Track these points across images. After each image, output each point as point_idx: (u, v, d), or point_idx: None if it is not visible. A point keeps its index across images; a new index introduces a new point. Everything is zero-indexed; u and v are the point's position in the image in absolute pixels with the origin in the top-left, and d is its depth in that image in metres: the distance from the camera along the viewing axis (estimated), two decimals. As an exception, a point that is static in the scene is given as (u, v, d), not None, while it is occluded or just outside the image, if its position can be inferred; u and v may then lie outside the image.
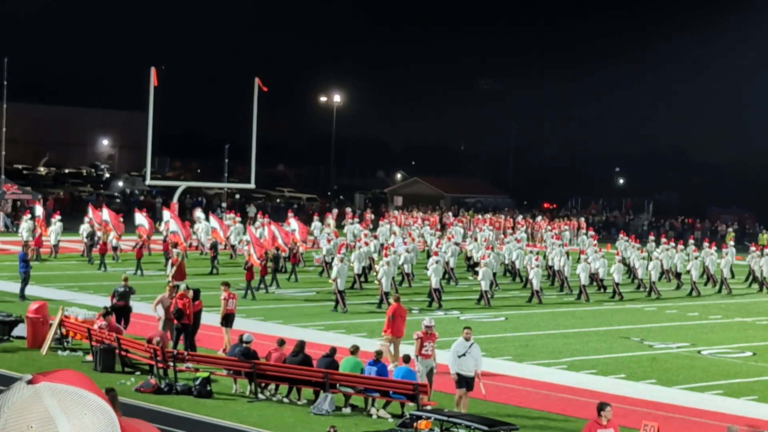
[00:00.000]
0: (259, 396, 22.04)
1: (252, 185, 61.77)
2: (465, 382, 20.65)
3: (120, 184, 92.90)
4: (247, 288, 36.56)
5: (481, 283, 37.60)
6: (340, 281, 34.73)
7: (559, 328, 33.51)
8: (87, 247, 47.02)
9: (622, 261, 45.14)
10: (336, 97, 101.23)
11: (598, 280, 43.20)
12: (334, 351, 22.51)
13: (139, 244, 43.92)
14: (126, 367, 24.03)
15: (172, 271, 34.88)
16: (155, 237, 48.78)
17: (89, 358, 24.87)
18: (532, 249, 45.11)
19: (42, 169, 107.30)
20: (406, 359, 21.77)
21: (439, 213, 75.75)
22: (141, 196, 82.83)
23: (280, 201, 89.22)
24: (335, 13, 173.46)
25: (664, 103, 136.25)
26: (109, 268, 43.34)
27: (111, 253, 45.96)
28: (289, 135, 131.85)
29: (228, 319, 27.06)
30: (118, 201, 77.98)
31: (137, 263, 42.35)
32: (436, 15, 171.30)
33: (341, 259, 35.83)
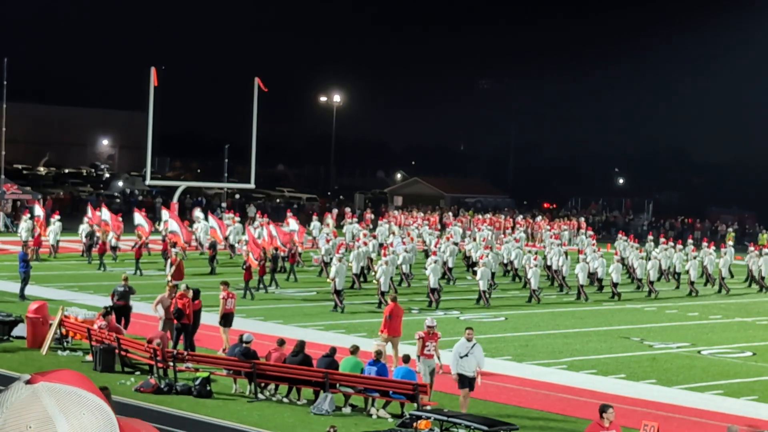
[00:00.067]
0: (259, 396, 22.05)
1: (252, 185, 61.77)
2: (468, 382, 20.63)
3: (120, 184, 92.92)
4: (246, 288, 36.56)
5: (480, 283, 37.61)
6: (339, 281, 34.74)
7: (559, 328, 33.51)
8: (86, 247, 47.05)
9: (621, 261, 45.15)
10: (336, 97, 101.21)
11: (596, 280, 43.24)
12: (334, 351, 22.52)
13: (138, 244, 43.94)
14: (126, 367, 24.03)
15: (171, 271, 34.91)
16: (154, 237, 48.79)
17: (89, 358, 24.87)
18: (530, 249, 45.07)
19: (42, 169, 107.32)
20: (406, 359, 21.78)
21: (438, 213, 75.77)
22: (140, 196, 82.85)
23: (280, 201, 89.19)
24: (335, 13, 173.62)
25: (664, 103, 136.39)
26: (108, 268, 43.36)
27: (110, 253, 46.00)
28: (289, 135, 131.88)
29: (227, 319, 27.05)
30: (118, 201, 77.98)
31: (136, 263, 42.38)
32: (436, 15, 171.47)
33: (340, 258, 35.85)
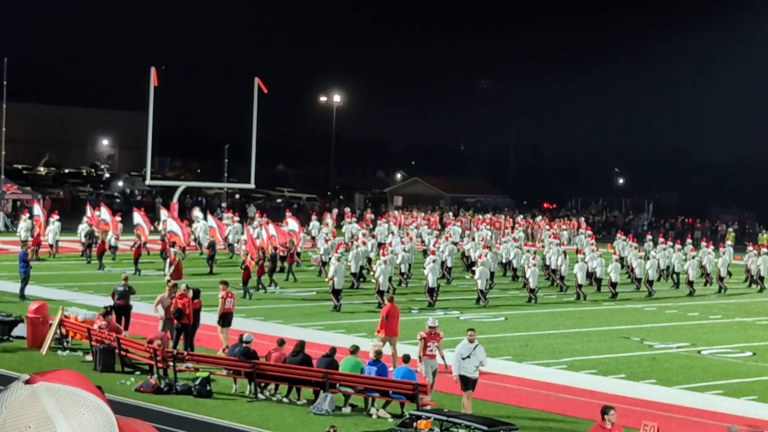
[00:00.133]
0: (259, 396, 22.04)
1: (252, 185, 61.78)
2: (471, 383, 20.60)
3: (120, 184, 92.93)
4: (244, 288, 36.53)
5: (478, 282, 37.69)
6: (337, 280, 34.74)
7: (559, 328, 33.50)
8: (85, 247, 47.02)
9: (620, 260, 45.15)
10: (336, 97, 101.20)
11: (595, 280, 43.22)
12: (333, 351, 22.51)
13: (137, 244, 43.93)
14: (126, 367, 24.03)
15: (170, 271, 34.88)
16: (153, 237, 48.77)
17: (89, 358, 24.87)
18: (529, 248, 45.08)
19: (42, 169, 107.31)
20: (406, 359, 21.77)
21: (439, 213, 75.75)
22: (139, 196, 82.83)
23: (280, 201, 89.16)
24: (335, 13, 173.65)
25: (664, 103, 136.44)
26: (108, 268, 43.35)
27: (109, 253, 45.99)
28: (289, 135, 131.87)
29: (226, 319, 27.02)
30: (118, 201, 77.98)
31: (134, 263, 42.36)
32: (436, 15, 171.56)
33: (338, 258, 35.86)
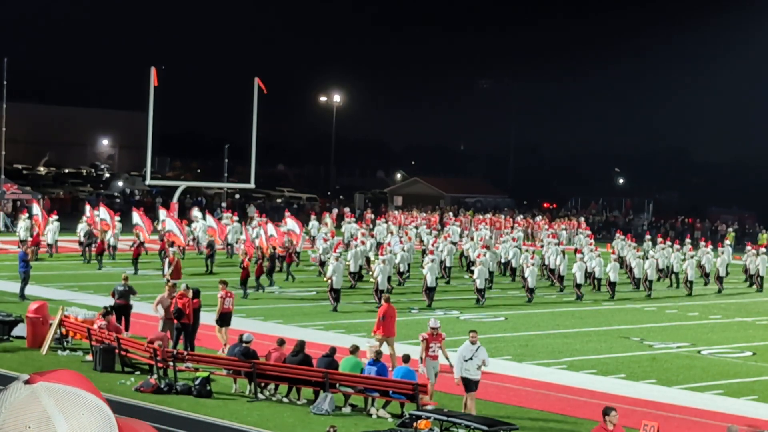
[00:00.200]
0: (259, 396, 22.04)
1: (252, 185, 61.80)
2: (474, 385, 20.58)
3: (120, 184, 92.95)
4: (242, 287, 36.50)
5: (476, 282, 37.73)
6: (336, 280, 34.75)
7: (559, 328, 33.50)
8: (84, 247, 47.00)
9: (619, 260, 45.16)
10: (336, 97, 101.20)
11: (593, 279, 43.20)
12: (333, 351, 22.51)
13: (136, 243, 43.93)
14: (126, 366, 24.03)
15: (169, 271, 34.84)
16: (152, 236, 48.73)
17: (89, 357, 24.86)
18: (528, 248, 45.10)
19: (42, 169, 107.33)
20: (406, 359, 21.76)
21: (439, 213, 75.73)
22: (139, 196, 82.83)
23: (280, 201, 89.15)
24: (335, 13, 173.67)
25: (664, 103, 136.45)
26: (108, 268, 43.37)
27: (109, 253, 45.97)
28: (289, 135, 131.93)
29: (224, 318, 27.01)
30: (118, 201, 77.98)
31: (133, 262, 42.35)
32: (436, 15, 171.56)
33: (337, 257, 35.86)
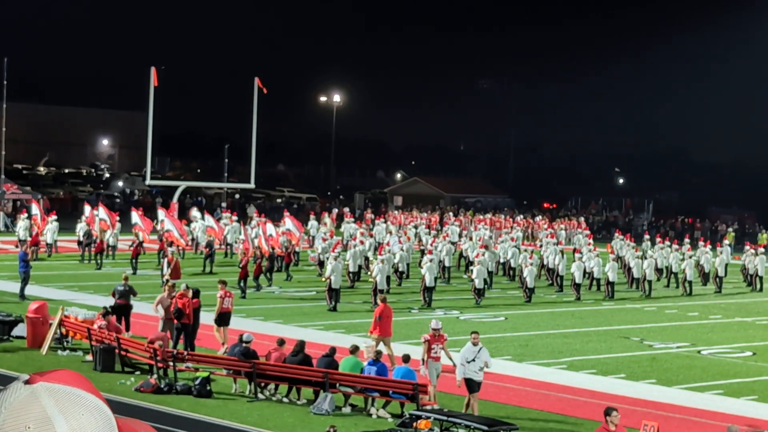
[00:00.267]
0: (259, 396, 22.04)
1: (252, 185, 61.81)
2: (476, 386, 20.53)
3: (120, 184, 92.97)
4: (241, 287, 36.50)
5: (475, 281, 37.76)
6: (334, 279, 34.76)
7: (558, 328, 33.50)
8: (84, 246, 46.98)
9: (617, 259, 45.14)
10: (336, 97, 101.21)
11: (592, 279, 43.16)
12: (333, 351, 22.51)
13: (135, 243, 43.93)
14: (126, 366, 24.03)
15: (168, 271, 34.79)
16: (151, 236, 48.74)
17: (89, 357, 24.86)
18: (527, 248, 45.12)
19: (42, 169, 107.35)
20: (406, 359, 21.76)
21: (439, 213, 75.71)
22: (139, 196, 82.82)
23: (280, 201, 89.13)
24: (335, 13, 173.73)
25: (664, 103, 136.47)
26: (108, 267, 43.38)
27: (109, 253, 45.96)
28: (289, 135, 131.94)
29: (223, 318, 27.00)
30: (118, 201, 77.99)
31: (132, 262, 42.32)
32: (436, 15, 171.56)
33: (335, 257, 35.87)
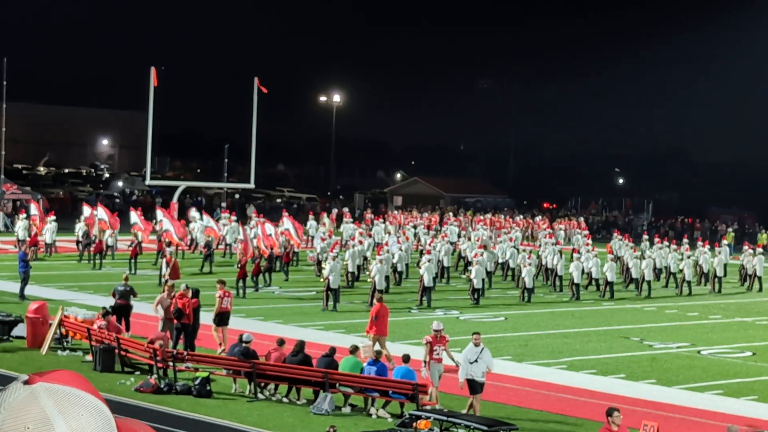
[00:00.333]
0: (259, 396, 22.04)
1: (252, 185, 61.75)
2: (479, 387, 20.52)
3: (120, 184, 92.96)
4: (238, 287, 36.49)
5: (473, 281, 37.78)
6: (333, 279, 34.76)
7: (558, 328, 33.49)
8: (83, 246, 46.97)
9: (615, 259, 45.10)
10: (336, 97, 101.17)
11: (591, 279, 43.12)
12: (333, 351, 22.52)
13: (134, 243, 43.92)
14: (126, 367, 24.02)
15: (167, 271, 34.75)
16: (150, 236, 48.73)
17: (89, 358, 24.86)
18: (525, 248, 45.13)
19: (42, 169, 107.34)
20: (406, 359, 21.76)
21: (439, 213, 75.69)
22: (140, 196, 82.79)
23: (280, 201, 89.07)
24: (335, 13, 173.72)
25: (665, 103, 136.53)
26: (108, 268, 43.38)
27: (107, 253, 45.95)
28: (289, 135, 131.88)
29: (222, 318, 26.99)
30: (118, 201, 77.99)
31: (130, 262, 42.31)
32: (436, 15, 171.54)
33: (334, 257, 35.88)
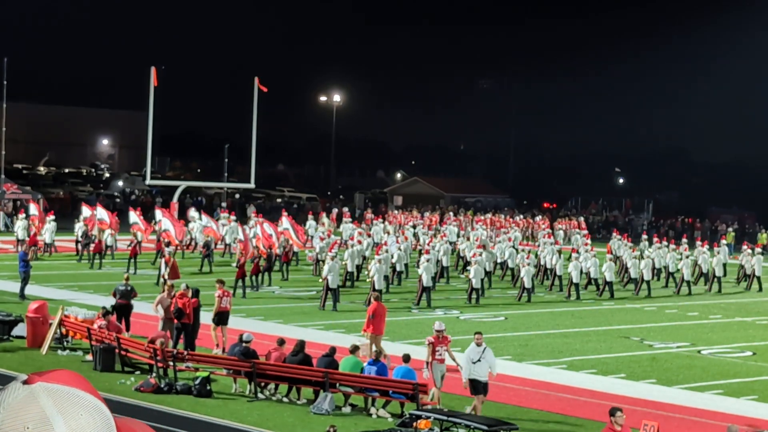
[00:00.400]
0: (259, 395, 22.04)
1: (252, 185, 61.80)
2: (482, 387, 20.53)
3: (120, 184, 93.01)
4: (237, 286, 36.49)
5: (472, 281, 37.80)
6: (332, 279, 34.77)
7: (558, 327, 33.50)
8: (82, 246, 46.96)
9: (614, 259, 45.05)
10: (336, 97, 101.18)
11: (589, 279, 43.12)
12: (333, 350, 22.52)
13: (133, 243, 43.93)
14: (126, 366, 24.03)
15: (166, 271, 34.73)
16: (150, 236, 48.75)
17: (89, 357, 24.86)
18: (524, 248, 45.12)
19: (42, 169, 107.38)
20: (406, 359, 21.76)
21: (439, 213, 75.67)
22: (141, 196, 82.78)
23: (280, 201, 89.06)
24: (335, 13, 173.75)
25: (665, 103, 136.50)
26: (108, 267, 43.38)
27: (107, 253, 45.96)
28: (289, 135, 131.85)
29: (221, 317, 27.00)
30: (118, 201, 78.01)
31: (129, 262, 42.31)
32: (436, 15, 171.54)
33: (333, 257, 35.88)
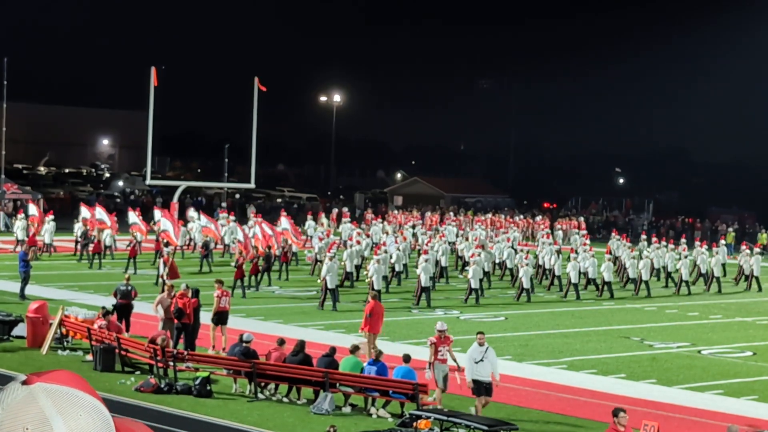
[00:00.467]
0: (259, 395, 22.04)
1: (252, 185, 61.78)
2: (484, 388, 20.46)
3: (120, 184, 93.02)
4: (236, 286, 36.48)
5: (471, 281, 37.82)
6: (330, 279, 34.76)
7: (559, 327, 33.50)
8: (81, 246, 46.96)
9: (613, 259, 45.03)
10: (336, 97, 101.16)
11: (588, 279, 43.10)
12: (333, 350, 22.52)
13: (132, 243, 43.92)
14: (126, 366, 24.02)
15: (165, 271, 34.71)
16: (150, 236, 48.75)
17: (89, 357, 24.86)
18: (523, 248, 45.11)
19: (42, 169, 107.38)
20: (406, 359, 21.76)
21: (439, 213, 75.68)
22: (141, 196, 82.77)
23: (280, 201, 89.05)
24: (335, 12, 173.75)
25: (665, 103, 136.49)
26: (108, 267, 43.37)
27: (106, 253, 45.96)
28: (289, 135, 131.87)
29: (220, 317, 26.99)
30: (118, 201, 78.01)
31: (129, 262, 42.30)
32: (436, 15, 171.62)
33: (331, 257, 35.88)
